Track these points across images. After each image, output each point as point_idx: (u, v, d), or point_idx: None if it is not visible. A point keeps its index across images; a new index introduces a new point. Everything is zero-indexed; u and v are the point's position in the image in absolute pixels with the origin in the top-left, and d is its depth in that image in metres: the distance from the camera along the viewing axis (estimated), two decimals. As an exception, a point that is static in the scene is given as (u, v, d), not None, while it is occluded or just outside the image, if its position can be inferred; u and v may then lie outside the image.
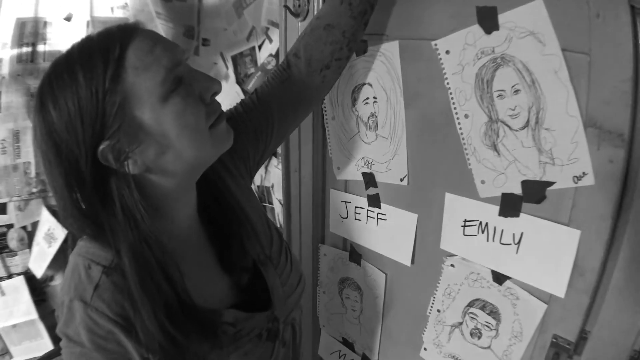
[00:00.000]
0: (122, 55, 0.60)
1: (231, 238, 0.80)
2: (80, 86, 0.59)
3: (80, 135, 0.60)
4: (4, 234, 1.87)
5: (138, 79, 0.61)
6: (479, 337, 0.93)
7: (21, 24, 1.54)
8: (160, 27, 1.57)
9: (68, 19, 1.55)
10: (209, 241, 0.81)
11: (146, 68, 0.61)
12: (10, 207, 1.82)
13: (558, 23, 0.71)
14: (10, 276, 1.92)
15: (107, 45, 0.61)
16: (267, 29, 1.43)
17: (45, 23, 1.57)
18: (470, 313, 0.94)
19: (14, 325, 1.93)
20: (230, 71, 1.73)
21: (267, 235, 0.88)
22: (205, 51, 1.80)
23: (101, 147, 0.61)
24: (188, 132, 0.65)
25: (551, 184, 0.78)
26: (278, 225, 1.49)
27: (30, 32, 1.54)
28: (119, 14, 1.58)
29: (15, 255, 1.90)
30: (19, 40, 1.55)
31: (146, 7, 1.57)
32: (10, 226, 1.88)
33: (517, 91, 0.78)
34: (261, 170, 1.71)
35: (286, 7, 1.07)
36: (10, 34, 1.54)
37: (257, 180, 1.77)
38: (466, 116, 0.86)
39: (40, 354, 1.93)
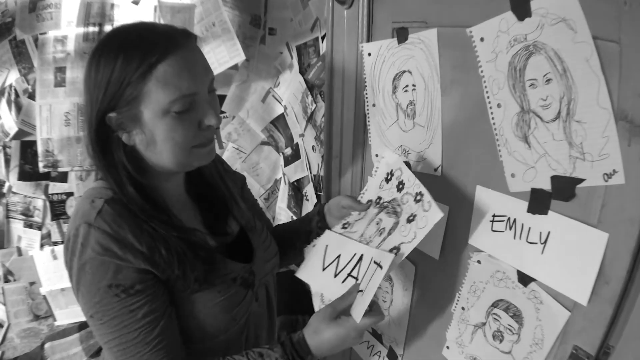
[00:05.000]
0: (155, 65, 0.74)
1: (213, 208, 0.98)
2: (116, 69, 0.75)
3: (100, 97, 0.77)
4: (63, 202, 1.88)
5: (155, 88, 0.75)
6: (501, 341, 0.89)
7: (87, 4, 1.59)
8: (226, 14, 1.60)
9: (136, 2, 1.60)
10: (197, 207, 0.98)
11: (166, 85, 0.75)
12: (72, 177, 1.83)
13: (588, 9, 0.66)
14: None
15: (150, 50, 0.74)
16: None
17: (112, 5, 1.61)
18: (494, 314, 0.90)
19: (63, 289, 1.92)
20: (295, 61, 1.76)
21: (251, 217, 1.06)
22: (272, 40, 1.85)
23: (110, 114, 0.77)
24: (172, 143, 0.79)
25: (581, 180, 0.72)
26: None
27: (96, 12, 1.58)
28: (187, 0, 1.61)
29: (73, 222, 1.94)
30: (85, 20, 1.59)
31: (213, -6, 1.60)
32: (70, 194, 1.88)
33: (548, 80, 0.73)
34: (318, 159, 1.74)
35: (332, -6, 1.09)
36: (76, 12, 1.58)
37: (314, 169, 1.80)
38: (499, 105, 0.82)
39: (84, 318, 1.96)
